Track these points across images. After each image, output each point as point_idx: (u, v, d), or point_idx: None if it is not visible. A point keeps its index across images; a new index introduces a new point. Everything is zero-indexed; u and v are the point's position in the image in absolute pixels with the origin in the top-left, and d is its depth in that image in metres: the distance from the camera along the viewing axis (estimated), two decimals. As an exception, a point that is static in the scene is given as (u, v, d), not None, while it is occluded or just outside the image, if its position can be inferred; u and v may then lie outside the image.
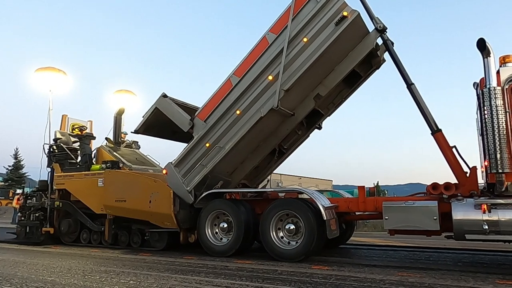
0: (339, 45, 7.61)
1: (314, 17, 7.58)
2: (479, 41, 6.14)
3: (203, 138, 8.58)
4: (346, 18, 7.29)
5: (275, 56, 7.85)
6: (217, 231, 8.56)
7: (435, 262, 7.55)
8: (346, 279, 5.83)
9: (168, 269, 6.97)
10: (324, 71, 8.18)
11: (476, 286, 5.28)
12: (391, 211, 7.03)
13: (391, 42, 7.96)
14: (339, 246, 9.62)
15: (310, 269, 6.67)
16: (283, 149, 9.76)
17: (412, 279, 5.75)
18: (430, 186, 6.99)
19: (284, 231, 7.76)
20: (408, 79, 7.67)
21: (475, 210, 6.21)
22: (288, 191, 9.14)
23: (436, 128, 7.28)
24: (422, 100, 7.52)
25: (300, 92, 8.30)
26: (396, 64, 7.84)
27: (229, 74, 8.43)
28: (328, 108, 9.45)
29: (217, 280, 5.86)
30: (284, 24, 7.81)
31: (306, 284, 5.48)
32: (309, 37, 7.59)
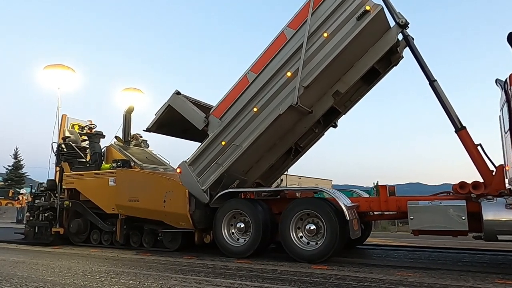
0: (360, 40, 7.42)
1: (334, 12, 7.40)
2: (509, 36, 5.95)
3: (218, 136, 8.39)
4: (368, 13, 7.12)
5: (294, 51, 7.68)
6: (234, 232, 8.37)
7: (434, 262, 7.49)
8: (346, 278, 5.78)
9: (167, 269, 6.89)
10: (344, 67, 8.01)
11: (475, 285, 5.21)
12: (417, 211, 6.84)
13: (411, 37, 7.78)
14: (356, 246, 9.45)
15: (310, 269, 6.59)
16: (299, 148, 9.59)
17: (412, 278, 5.71)
18: (458, 185, 6.80)
19: (304, 231, 7.58)
20: (430, 76, 7.50)
21: (506, 210, 6.04)
22: (306, 190, 8.98)
23: (460, 126, 7.10)
24: (445, 97, 7.35)
25: (319, 88, 8.12)
26: (417, 60, 7.67)
27: (246, 70, 8.24)
28: (345, 106, 9.26)
29: (217, 280, 5.79)
30: (303, 19, 7.64)
31: (305, 284, 5.42)
32: (330, 32, 7.42)
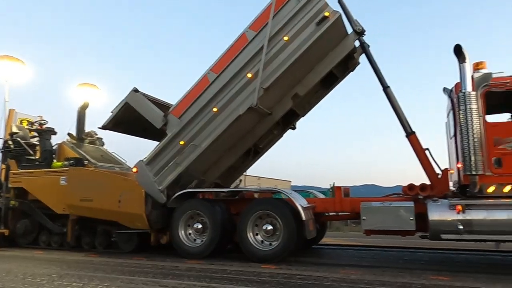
0: (319, 45, 7.62)
1: (295, 16, 7.55)
2: (456, 47, 6.35)
3: (177, 135, 8.27)
4: (327, 19, 7.32)
5: (255, 53, 7.72)
6: (191, 232, 8.28)
7: (378, 260, 7.89)
8: (292, 277, 5.95)
9: (115, 270, 6.76)
10: (303, 71, 8.16)
11: (411, 281, 5.55)
12: (369, 212, 7.12)
13: (367, 44, 8.08)
14: (312, 246, 9.66)
15: (259, 268, 6.73)
16: (259, 149, 9.66)
17: (354, 276, 6.00)
18: (407, 187, 7.16)
19: (262, 232, 7.64)
20: (384, 82, 7.84)
21: (450, 210, 6.42)
22: (264, 190, 9.06)
23: (411, 131, 7.48)
24: (397, 103, 7.70)
25: (279, 91, 8.21)
26: (372, 67, 7.99)
27: (206, 70, 8.19)
28: (304, 108, 9.44)
29: (165, 281, 5.78)
30: (265, 21, 7.71)
31: (252, 283, 5.53)
32: (290, 35, 7.54)
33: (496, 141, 6.30)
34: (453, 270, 6.56)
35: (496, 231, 6.13)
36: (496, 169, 6.27)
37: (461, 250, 8.82)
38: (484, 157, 6.26)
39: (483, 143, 6.27)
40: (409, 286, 5.34)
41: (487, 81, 6.40)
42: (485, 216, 6.18)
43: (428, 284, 5.42)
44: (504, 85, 6.37)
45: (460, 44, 6.30)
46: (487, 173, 6.27)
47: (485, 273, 6.20)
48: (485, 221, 6.16)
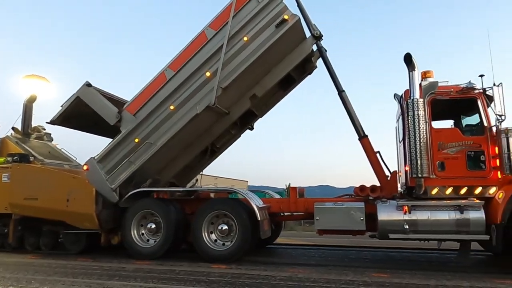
0: (278, 47, 7.69)
1: (255, 17, 7.57)
2: (406, 56, 6.67)
3: (131, 133, 8.02)
4: (286, 22, 7.41)
5: (214, 52, 7.67)
6: (144, 232, 8.07)
7: (326, 259, 8.18)
8: (241, 276, 6.04)
9: (57, 272, 6.53)
10: (262, 72, 8.21)
11: (354, 279, 5.83)
12: (322, 212, 7.30)
13: (324, 49, 8.28)
14: (266, 246, 9.76)
15: (208, 268, 6.75)
16: (216, 148, 9.59)
17: (301, 274, 6.19)
18: (358, 188, 7.42)
19: (217, 232, 7.61)
20: (339, 86, 8.05)
21: (397, 211, 6.74)
22: (220, 190, 9.02)
23: (363, 134, 7.75)
24: (351, 107, 7.95)
25: (237, 91, 8.20)
26: (329, 71, 8.19)
27: (163, 67, 8.02)
28: (261, 109, 9.50)
29: (110, 282, 5.66)
30: (225, 20, 7.68)
31: (201, 283, 5.56)
32: (250, 36, 7.57)
33: (440, 146, 6.70)
34: (393, 267, 6.92)
35: (438, 230, 6.52)
36: (440, 172, 6.67)
37: (402, 249, 9.29)
38: (429, 161, 6.63)
39: (428, 147, 6.65)
40: (352, 283, 5.57)
41: (434, 89, 6.79)
42: (429, 216, 6.55)
43: (369, 281, 5.69)
44: (448, 94, 6.80)
45: (410, 53, 6.62)
46: (431, 176, 6.65)
47: (422, 270, 6.59)
48: (429, 221, 6.53)
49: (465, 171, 6.59)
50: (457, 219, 6.37)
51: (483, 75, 6.61)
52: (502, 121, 6.37)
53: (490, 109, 6.64)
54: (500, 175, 6.42)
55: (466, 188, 6.58)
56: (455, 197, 6.60)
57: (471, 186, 6.56)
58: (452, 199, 6.59)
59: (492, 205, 6.34)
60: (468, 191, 6.57)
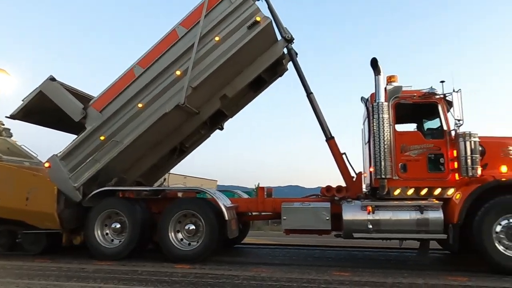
0: (249, 48, 7.72)
1: (227, 17, 7.57)
2: (372, 60, 6.87)
3: (97, 130, 7.81)
4: (258, 24, 7.45)
5: (185, 51, 7.61)
6: (108, 232, 7.87)
7: (290, 258, 8.32)
8: (204, 276, 6.05)
9: (11, 274, 6.28)
10: (233, 72, 8.20)
11: (315, 277, 5.97)
12: (289, 212, 7.38)
13: (295, 52, 8.38)
14: (234, 246, 9.76)
15: (172, 268, 6.69)
16: (184, 148, 9.49)
17: (264, 274, 6.26)
18: (325, 189, 7.56)
19: (184, 232, 7.52)
20: (308, 88, 8.18)
21: (361, 211, 6.92)
22: (187, 190, 8.91)
23: (330, 136, 7.91)
24: (319, 109, 8.09)
25: (208, 91, 8.16)
26: (298, 74, 8.31)
27: (132, 63, 7.88)
28: (232, 110, 9.50)
29: (67, 284, 5.52)
30: (196, 19, 7.63)
31: (163, 283, 5.52)
32: (221, 36, 7.56)
33: (403, 149, 6.94)
34: (354, 266, 7.11)
35: (400, 230, 6.74)
36: (402, 174, 6.91)
37: (365, 248, 9.55)
38: (393, 163, 6.86)
39: (392, 150, 6.87)
40: (313, 282, 5.68)
41: (398, 93, 7.04)
42: (391, 216, 6.77)
43: (330, 279, 5.83)
44: (411, 98, 7.07)
45: (376, 58, 6.83)
46: (394, 177, 6.89)
47: (381, 268, 6.81)
48: (391, 221, 6.75)
49: (425, 173, 6.86)
50: (417, 219, 6.62)
51: (444, 81, 6.91)
52: (460, 126, 6.69)
53: (449, 113, 6.94)
54: (457, 177, 6.72)
55: (426, 189, 6.85)
56: (416, 198, 6.86)
57: (431, 187, 6.84)
58: (413, 199, 6.85)
59: (450, 205, 6.64)
60: (428, 192, 6.85)
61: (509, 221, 6.22)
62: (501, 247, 6.19)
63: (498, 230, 6.22)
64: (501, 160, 6.74)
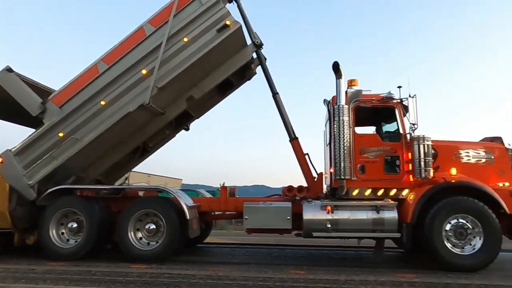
0: (218, 51, 7.73)
1: (197, 19, 7.56)
2: (334, 64, 7.11)
3: (56, 126, 7.57)
4: (228, 27, 7.48)
5: (152, 50, 7.53)
6: (64, 232, 7.60)
7: (249, 257, 8.38)
8: (160, 276, 5.99)
9: None
10: (200, 74, 8.18)
11: (272, 276, 6.05)
12: (251, 211, 7.41)
13: (264, 57, 8.46)
14: (196, 245, 9.68)
15: (128, 268, 6.58)
16: (148, 148, 9.35)
17: (222, 273, 6.28)
18: (286, 189, 7.67)
19: (144, 231, 7.38)
20: (274, 89, 8.28)
21: (321, 211, 7.07)
22: (149, 189, 8.76)
23: (294, 136, 8.05)
24: (284, 109, 8.21)
25: (174, 91, 8.08)
26: (266, 78, 8.39)
27: (96, 59, 7.73)
28: (198, 111, 9.46)
29: (14, 285, 5.33)
30: (165, 18, 7.58)
31: (116, 284, 5.42)
32: (190, 37, 7.53)
33: (361, 150, 7.18)
34: (311, 264, 7.23)
35: (357, 229, 6.94)
36: (360, 175, 7.14)
37: (323, 247, 9.72)
38: (352, 164, 7.07)
39: (351, 151, 7.10)
40: (269, 280, 5.74)
41: (358, 97, 7.30)
42: (349, 216, 6.96)
43: (286, 278, 5.91)
44: (370, 102, 7.34)
45: (337, 61, 7.07)
46: (353, 178, 7.10)
47: (336, 266, 6.99)
48: (349, 220, 6.94)
49: (382, 174, 7.12)
50: (374, 218, 6.85)
51: (401, 87, 7.22)
52: (415, 129, 7.00)
53: (406, 118, 7.26)
54: (412, 178, 7.02)
55: (383, 190, 7.10)
56: (373, 198, 7.09)
57: (387, 188, 7.10)
58: (370, 199, 7.07)
59: (404, 205, 6.92)
60: (384, 192, 7.11)
61: (458, 221, 6.56)
62: (449, 245, 6.52)
63: (447, 229, 6.54)
64: (452, 163, 7.12)
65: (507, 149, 7.20)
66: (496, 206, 6.55)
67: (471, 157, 7.17)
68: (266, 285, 5.46)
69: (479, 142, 7.56)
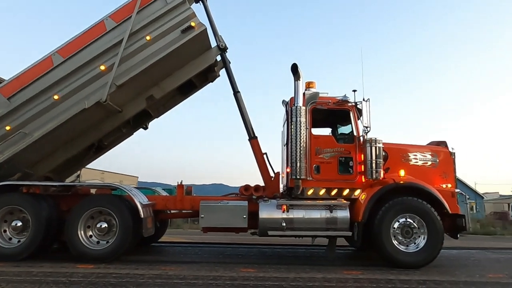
0: (181, 52, 7.67)
1: (161, 17, 7.48)
2: (292, 66, 7.29)
3: (3, 119, 7.18)
4: (192, 29, 7.45)
5: (112, 45, 7.34)
6: (7, 230, 7.18)
7: (201, 256, 8.34)
8: (107, 276, 5.84)
9: None
10: (162, 74, 8.06)
11: (222, 274, 6.05)
12: (208, 210, 7.35)
13: (228, 61, 8.48)
14: (151, 244, 9.47)
15: (73, 268, 6.34)
16: (103, 145, 9.01)
17: (172, 272, 6.19)
18: (243, 188, 7.71)
19: (95, 230, 7.11)
20: (235, 87, 8.32)
21: (277, 210, 7.15)
22: (102, 186, 8.46)
23: (253, 135, 8.11)
24: (245, 108, 8.27)
25: (133, 90, 7.90)
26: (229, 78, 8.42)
27: (51, 51, 7.43)
28: (158, 111, 9.28)
29: None
30: (128, 14, 7.42)
31: (59, 285, 5.22)
32: (153, 36, 7.42)
33: (317, 151, 7.38)
34: (262, 263, 7.28)
35: (311, 227, 7.08)
36: (315, 175, 7.33)
37: (276, 245, 9.83)
38: (307, 164, 7.24)
39: (307, 152, 7.28)
40: (219, 278, 5.72)
41: (315, 99, 7.51)
42: (304, 215, 7.10)
43: (236, 276, 5.91)
44: (327, 104, 7.58)
45: (296, 63, 7.25)
46: (308, 178, 7.28)
47: (287, 264, 7.06)
48: (303, 219, 7.08)
49: (336, 175, 7.35)
50: (327, 217, 7.04)
51: (356, 90, 7.51)
52: (368, 132, 7.31)
53: (360, 121, 7.55)
54: (364, 179, 7.29)
55: (336, 190, 7.33)
56: (327, 198, 7.28)
57: (341, 188, 7.34)
58: (324, 199, 7.25)
59: (356, 205, 7.16)
60: (338, 192, 7.33)
61: (406, 220, 6.87)
62: (395, 242, 6.81)
63: (395, 227, 6.84)
64: (401, 165, 7.49)
65: (450, 153, 7.67)
66: (440, 207, 6.93)
67: (419, 159, 7.59)
68: (216, 283, 5.43)
69: (426, 145, 8.00)
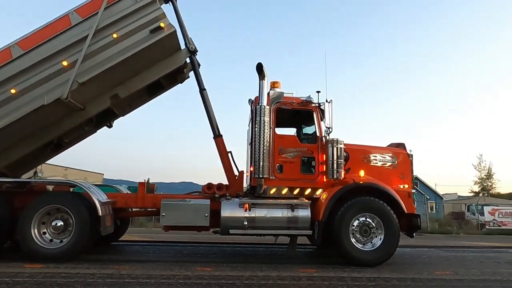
0: (149, 52, 7.56)
1: (130, 15, 7.35)
2: (258, 65, 7.37)
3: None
4: (162, 30, 7.36)
5: (76, 41, 7.13)
6: (-48, 228, 6.78)
7: (159, 255, 8.23)
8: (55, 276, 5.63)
9: None
10: (128, 74, 7.90)
11: (177, 273, 5.97)
12: (169, 208, 7.25)
13: (198, 63, 8.44)
14: (111, 243, 9.24)
15: (19, 268, 6.11)
16: (63, 143, 8.70)
17: (125, 271, 6.06)
18: (205, 186, 7.66)
19: (50, 228, 6.86)
20: (201, 85, 8.27)
21: (239, 208, 7.14)
22: (59, 183, 8.18)
23: (218, 133, 8.09)
24: (210, 106, 8.24)
25: (97, 88, 7.68)
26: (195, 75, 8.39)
27: (11, 42, 7.17)
28: (123, 109, 9.06)
29: None
30: (95, 10, 7.23)
31: (1, 285, 5.03)
32: (120, 34, 7.28)
33: (280, 151, 7.45)
34: (220, 261, 7.24)
35: (273, 226, 7.11)
36: (278, 174, 7.39)
37: (236, 244, 9.81)
38: (271, 163, 7.29)
39: (271, 151, 7.33)
40: (173, 277, 5.63)
41: (279, 99, 7.62)
42: (266, 213, 7.12)
43: (191, 275, 5.84)
44: (291, 104, 7.68)
45: (261, 63, 7.33)
46: (271, 177, 7.33)
47: (244, 263, 7.04)
48: (265, 218, 7.10)
49: (299, 174, 7.44)
50: (288, 216, 7.09)
51: (320, 92, 7.68)
52: (330, 133, 7.45)
53: (323, 121, 7.69)
54: (325, 179, 7.41)
55: (298, 189, 7.41)
56: (290, 197, 7.34)
57: (303, 187, 7.42)
58: (286, 198, 7.30)
59: (317, 204, 7.25)
60: (300, 192, 7.41)
61: (365, 219, 7.01)
62: (353, 240, 6.93)
63: (354, 225, 6.96)
64: (361, 166, 7.66)
65: (408, 155, 7.92)
66: (397, 207, 7.12)
67: (378, 160, 7.80)
68: (169, 282, 5.33)
69: (385, 147, 8.24)
